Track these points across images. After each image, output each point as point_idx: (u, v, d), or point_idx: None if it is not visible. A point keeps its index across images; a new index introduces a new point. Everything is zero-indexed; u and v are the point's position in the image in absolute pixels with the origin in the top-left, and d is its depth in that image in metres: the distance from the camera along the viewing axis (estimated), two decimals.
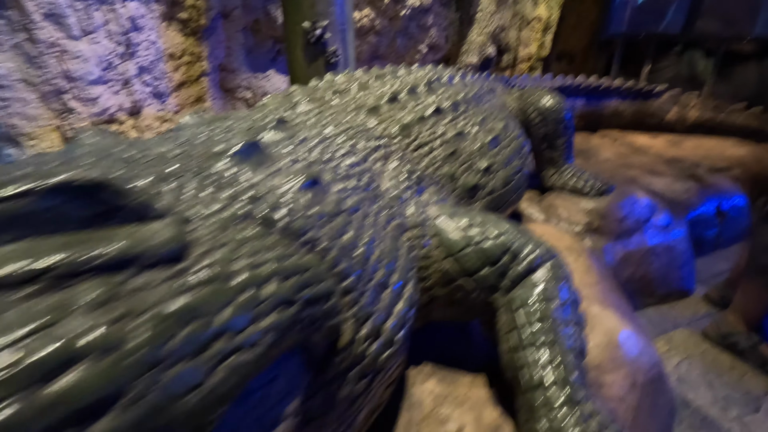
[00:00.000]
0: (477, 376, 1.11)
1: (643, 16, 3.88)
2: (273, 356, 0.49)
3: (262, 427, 0.51)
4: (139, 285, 0.39)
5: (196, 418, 0.38)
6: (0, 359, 0.28)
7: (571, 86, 3.39)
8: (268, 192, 0.70)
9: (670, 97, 3.65)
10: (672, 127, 3.72)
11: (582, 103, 3.59)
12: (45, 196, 0.38)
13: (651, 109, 3.69)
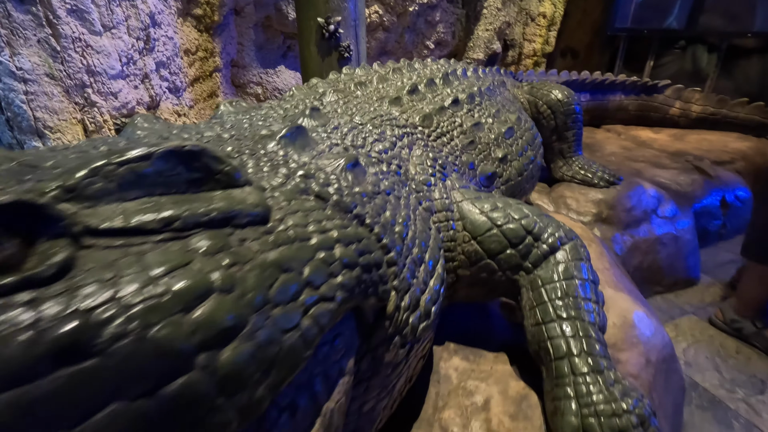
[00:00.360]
0: (499, 354, 1.17)
1: (646, 12, 3.92)
2: (341, 312, 0.54)
3: (328, 378, 0.56)
4: (239, 239, 0.44)
5: (293, 356, 0.43)
6: (149, 290, 0.33)
7: (576, 81, 3.44)
8: (318, 171, 0.75)
9: (673, 92, 3.70)
10: (675, 122, 3.77)
11: (586, 98, 3.63)
12: (160, 159, 0.43)
13: (654, 104, 3.74)
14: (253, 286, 0.41)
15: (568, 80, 3.43)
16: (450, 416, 0.98)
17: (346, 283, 0.55)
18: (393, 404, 0.89)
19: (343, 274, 0.56)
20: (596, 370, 0.88)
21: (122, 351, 0.30)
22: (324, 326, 0.49)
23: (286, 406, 0.48)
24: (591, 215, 2.10)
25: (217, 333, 0.35)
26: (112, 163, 0.40)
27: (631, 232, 2.11)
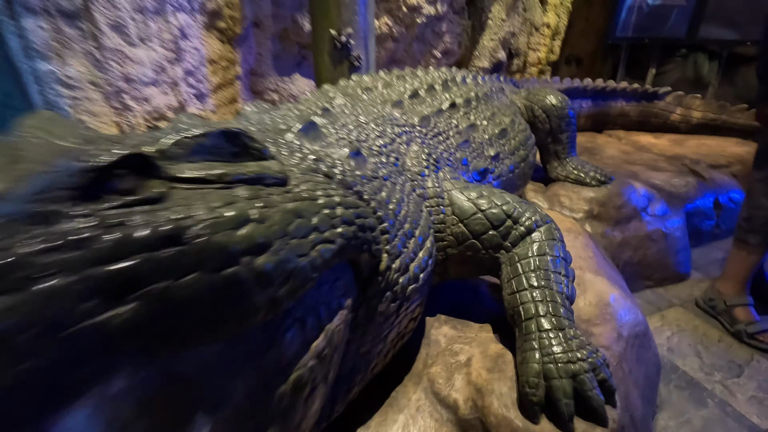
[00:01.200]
0: (483, 324, 1.32)
1: (648, 21, 4.05)
2: (340, 255, 0.72)
3: (330, 308, 0.74)
4: (267, 193, 0.62)
5: (303, 274, 0.60)
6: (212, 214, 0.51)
7: (577, 88, 3.59)
8: (326, 156, 0.93)
9: (674, 99, 3.81)
10: (676, 128, 3.88)
11: (588, 105, 3.78)
12: (214, 136, 0.62)
13: (655, 110, 3.85)
14: (276, 222, 0.58)
15: (570, 87, 3.58)
16: (437, 371, 1.15)
17: (344, 233, 0.73)
18: (386, 354, 1.06)
19: (342, 227, 0.73)
20: (558, 327, 1.04)
21: (198, 244, 0.48)
22: (326, 260, 0.67)
23: (298, 319, 0.65)
24: (583, 212, 2.24)
25: (253, 245, 0.53)
26: (187, 137, 0.58)
27: (621, 229, 2.25)
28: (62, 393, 0.41)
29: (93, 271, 0.40)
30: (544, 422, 0.96)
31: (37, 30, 2.03)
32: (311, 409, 0.71)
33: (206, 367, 0.56)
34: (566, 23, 4.30)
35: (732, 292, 2.04)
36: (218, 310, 0.49)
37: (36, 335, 0.36)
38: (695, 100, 3.80)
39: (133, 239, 0.43)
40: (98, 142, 0.60)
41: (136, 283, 0.43)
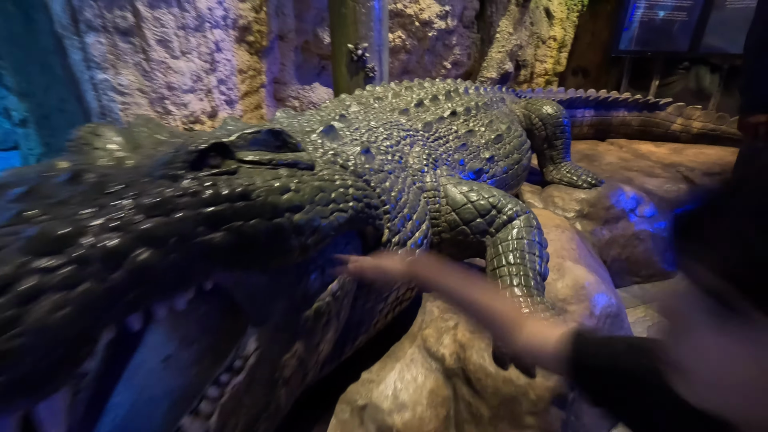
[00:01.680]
0: None
1: (650, 35, 4.23)
2: (350, 224, 0.97)
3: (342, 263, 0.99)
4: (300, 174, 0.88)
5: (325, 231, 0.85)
6: (265, 184, 0.77)
7: (580, 98, 3.79)
8: (342, 152, 1.19)
9: (675, 109, 3.98)
10: (677, 137, 4.04)
11: (591, 114, 3.97)
12: (264, 132, 0.87)
13: (656, 120, 4.02)
14: (307, 193, 0.84)
15: (573, 97, 3.79)
16: (429, 332, 1.38)
17: (354, 207, 0.97)
18: (387, 314, 1.30)
19: (353, 203, 0.98)
20: (528, 295, 1.27)
21: (259, 201, 0.73)
22: (341, 224, 0.92)
23: (319, 266, 0.90)
24: (574, 212, 2.45)
25: (292, 206, 0.78)
26: (245, 132, 0.85)
27: (610, 228, 2.45)
28: (180, 281, 0.65)
29: (201, 210, 0.65)
30: (512, 369, 1.19)
31: (97, 44, 2.36)
32: (327, 334, 0.96)
33: (258, 292, 0.81)
34: (572, 36, 4.51)
35: None
36: (269, 246, 0.74)
37: (178, 240, 0.61)
38: (695, 110, 3.96)
39: (222, 194, 0.69)
40: (182, 136, 0.87)
41: (224, 220, 0.68)
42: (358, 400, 1.20)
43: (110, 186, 0.62)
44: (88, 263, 0.51)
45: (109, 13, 2.32)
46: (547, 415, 1.16)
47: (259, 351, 0.81)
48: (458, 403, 1.24)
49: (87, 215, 0.55)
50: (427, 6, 3.64)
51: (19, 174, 0.64)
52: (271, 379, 0.83)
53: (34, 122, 3.47)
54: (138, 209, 0.59)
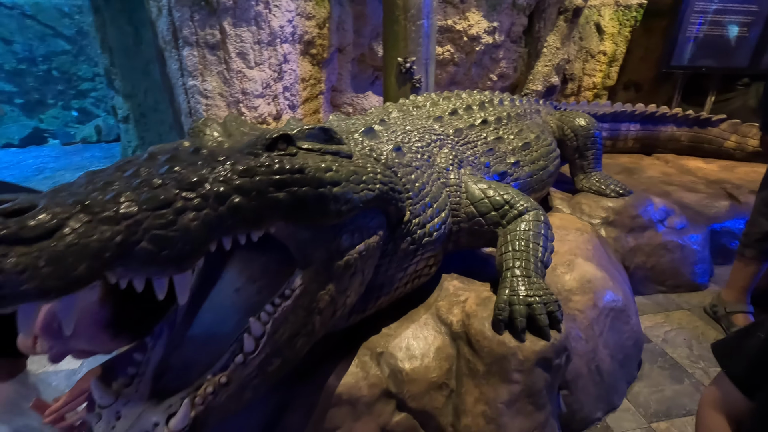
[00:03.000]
0: (484, 283, 1.78)
1: (706, 50, 4.17)
2: (376, 201, 1.25)
3: (369, 232, 1.27)
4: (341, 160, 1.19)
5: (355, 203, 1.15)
6: (316, 163, 1.08)
7: (625, 113, 3.84)
8: (377, 148, 1.49)
9: (729, 126, 3.90)
10: (731, 155, 3.94)
11: (637, 128, 3.99)
12: (317, 129, 1.19)
13: (708, 137, 3.96)
14: (344, 173, 1.14)
15: (617, 111, 3.85)
16: (443, 304, 1.64)
17: (380, 188, 1.26)
18: (406, 283, 1.57)
19: (380, 185, 1.27)
20: (526, 276, 1.49)
21: (309, 174, 1.04)
22: (368, 199, 1.21)
23: (350, 230, 1.20)
24: (600, 218, 2.58)
25: (332, 181, 1.08)
26: (304, 128, 1.17)
27: (635, 236, 2.55)
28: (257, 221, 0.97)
29: (271, 176, 0.97)
30: (506, 334, 1.42)
31: (190, 56, 2.86)
32: (354, 284, 1.25)
33: (304, 243, 1.13)
34: (624, 51, 4.54)
35: (732, 300, 2.27)
36: (314, 207, 1.05)
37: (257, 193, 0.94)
38: (752, 128, 3.85)
39: (285, 168, 1.01)
40: (257, 128, 1.21)
41: (285, 185, 1.00)
42: (377, 348, 1.48)
43: (217, 157, 0.95)
44: (208, 199, 0.84)
45: (202, 31, 2.81)
46: (531, 374, 1.37)
47: (302, 286, 1.12)
48: (459, 360, 1.48)
49: (206, 172, 0.88)
50: (476, 22, 3.88)
51: (161, 148, 1.00)
52: (309, 307, 1.14)
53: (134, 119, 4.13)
54: (234, 171, 0.92)
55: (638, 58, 4.65)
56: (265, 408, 1.33)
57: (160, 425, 0.92)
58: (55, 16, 5.14)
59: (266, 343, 1.05)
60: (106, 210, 0.70)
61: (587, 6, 4.17)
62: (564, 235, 2.14)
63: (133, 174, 0.83)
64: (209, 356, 1.06)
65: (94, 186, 0.76)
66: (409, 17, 3.08)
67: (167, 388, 1.02)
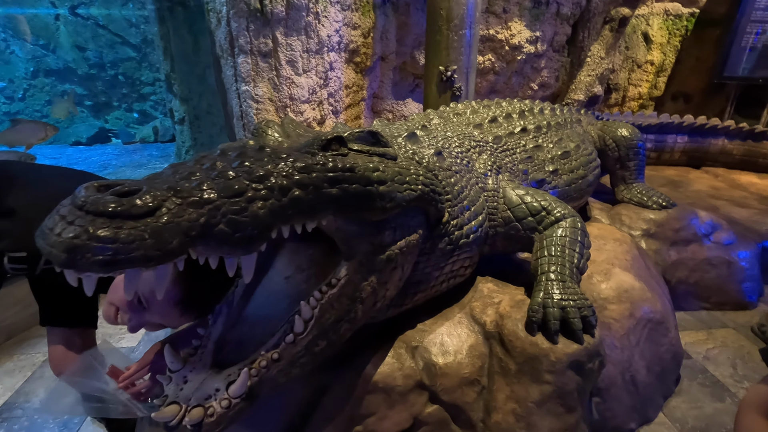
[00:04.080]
0: (519, 287, 1.81)
1: (763, 60, 3.99)
2: (417, 201, 1.33)
3: (409, 230, 1.35)
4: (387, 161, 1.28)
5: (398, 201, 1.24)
6: (364, 164, 1.18)
7: (672, 124, 3.74)
8: (419, 152, 1.57)
9: None
10: None
11: (684, 140, 3.87)
12: (366, 132, 1.29)
13: (764, 150, 3.78)
14: (390, 174, 1.22)
15: (663, 122, 3.75)
16: (477, 305, 1.69)
17: (422, 189, 1.34)
18: (442, 282, 1.63)
19: (421, 186, 1.35)
20: (561, 281, 1.52)
21: (359, 173, 1.14)
22: (410, 199, 1.29)
23: (392, 226, 1.28)
24: (640, 230, 2.54)
25: (379, 180, 1.17)
26: (354, 131, 1.27)
27: (678, 249, 2.49)
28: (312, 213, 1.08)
29: (326, 173, 1.07)
30: (539, 336, 1.45)
31: (244, 63, 3.06)
32: (394, 277, 1.33)
33: (350, 236, 1.22)
34: (673, 61, 4.41)
35: None
36: (362, 203, 1.15)
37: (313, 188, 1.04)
38: None
39: (338, 166, 1.11)
40: (311, 131, 1.33)
41: (337, 181, 1.10)
42: (412, 342, 1.55)
43: (280, 154, 1.06)
44: (273, 190, 0.95)
45: (256, 40, 3.01)
46: (563, 375, 1.40)
47: (347, 276, 1.22)
48: (492, 358, 1.52)
49: (271, 167, 1.00)
50: (518, 32, 3.91)
51: (230, 146, 1.12)
52: (353, 296, 1.23)
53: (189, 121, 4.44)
54: (294, 168, 1.03)
55: (688, 68, 4.51)
56: (307, 388, 1.43)
57: (220, 390, 1.04)
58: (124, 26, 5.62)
59: (314, 326, 1.15)
60: (193, 195, 0.82)
61: (634, 15, 4.10)
62: (602, 245, 2.13)
63: (211, 167, 0.96)
64: (262, 335, 1.17)
65: (181, 175, 0.89)
66: (451, 27, 3.16)
67: (225, 361, 1.14)
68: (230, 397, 1.02)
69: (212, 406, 1.01)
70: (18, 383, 2.21)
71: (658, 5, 4.27)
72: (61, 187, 1.59)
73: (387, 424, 1.42)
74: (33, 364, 2.34)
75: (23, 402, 2.08)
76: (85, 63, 5.78)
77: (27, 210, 1.49)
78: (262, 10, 2.88)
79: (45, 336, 1.73)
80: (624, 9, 3.87)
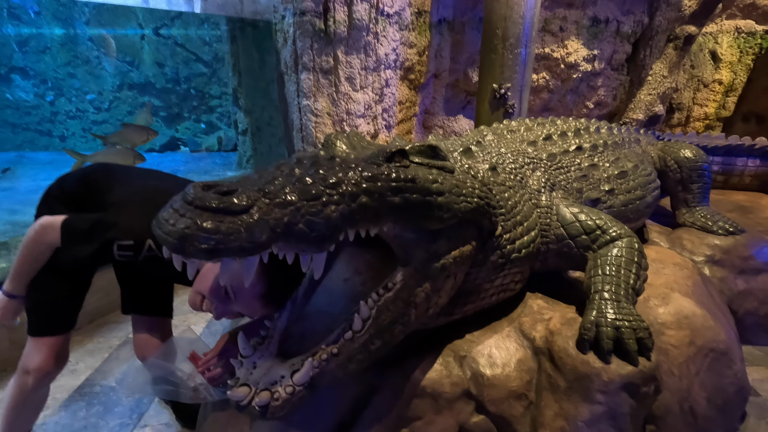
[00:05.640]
0: (570, 305, 1.80)
1: None
2: (472, 213, 1.38)
3: (463, 241, 1.40)
4: (445, 174, 1.35)
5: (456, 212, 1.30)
6: (427, 176, 1.26)
7: (741, 147, 3.52)
8: (474, 167, 1.63)
9: None
10: None
11: (756, 164, 3.63)
12: (427, 146, 1.37)
13: None
14: (448, 186, 1.28)
15: (732, 144, 3.55)
16: (526, 320, 1.69)
17: (477, 202, 1.39)
18: (491, 295, 1.66)
19: (477, 199, 1.40)
20: (615, 300, 1.50)
21: (420, 183, 1.21)
22: (466, 211, 1.34)
23: (447, 236, 1.33)
24: (704, 256, 2.41)
25: (437, 191, 1.24)
26: (416, 145, 1.35)
27: (746, 279, 2.34)
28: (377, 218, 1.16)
29: (390, 183, 1.16)
30: (591, 354, 1.44)
31: (306, 80, 3.27)
32: (447, 285, 1.39)
33: (408, 243, 1.30)
34: (744, 80, 4.18)
35: None
36: (421, 212, 1.22)
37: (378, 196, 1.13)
38: None
39: (401, 177, 1.19)
40: (373, 144, 1.43)
41: (400, 191, 1.18)
42: (460, 351, 1.59)
43: (349, 164, 1.16)
44: (344, 196, 1.05)
45: (318, 58, 3.21)
46: (616, 396, 1.37)
47: (402, 281, 1.29)
48: (540, 374, 1.52)
49: (342, 176, 1.10)
50: (575, 50, 3.88)
51: (304, 155, 1.24)
52: (407, 300, 1.30)
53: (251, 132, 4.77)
54: (361, 177, 1.12)
55: (763, 87, 4.24)
56: (359, 386, 1.50)
57: (285, 378, 1.13)
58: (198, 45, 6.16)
59: (371, 325, 1.23)
60: (278, 197, 0.93)
61: (701, 33, 3.94)
62: (660, 269, 2.06)
63: (290, 173, 1.07)
64: (322, 330, 1.27)
65: (266, 180, 1.01)
66: (507, 46, 3.21)
67: (289, 352, 1.25)
68: (294, 384, 1.11)
69: (278, 391, 1.11)
70: (97, 363, 2.46)
71: (729, 23, 4.08)
72: (150, 185, 1.80)
73: (433, 429, 1.46)
74: (110, 347, 2.59)
75: (101, 380, 2.32)
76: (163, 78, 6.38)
77: (127, 203, 1.68)
78: (326, 31, 3.08)
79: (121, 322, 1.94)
80: (690, 27, 3.74)
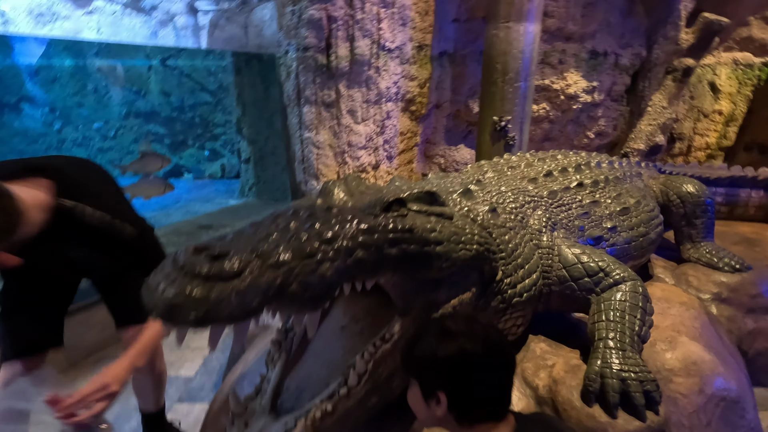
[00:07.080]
0: (573, 349, 1.74)
1: None
2: (472, 260, 1.36)
3: (464, 288, 1.38)
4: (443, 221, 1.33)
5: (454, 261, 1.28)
6: (430, 224, 1.24)
7: (745, 178, 3.51)
8: (474, 209, 1.61)
9: None
10: None
11: (760, 195, 3.60)
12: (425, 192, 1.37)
13: None
14: (446, 234, 1.27)
15: (736, 176, 3.53)
16: (528, 366, 1.65)
17: (477, 248, 1.37)
18: None
19: (476, 245, 1.38)
20: (620, 349, 1.45)
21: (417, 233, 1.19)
22: (466, 258, 1.32)
23: (447, 284, 1.31)
24: (711, 294, 2.36)
25: (436, 241, 1.22)
26: (413, 192, 1.35)
27: (755, 318, 2.29)
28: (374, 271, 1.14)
29: (387, 235, 1.14)
30: (596, 407, 1.39)
31: (309, 113, 3.31)
32: None
33: (406, 293, 1.27)
34: (744, 110, 4.20)
35: None
36: (420, 263, 1.20)
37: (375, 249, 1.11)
38: None
39: (398, 228, 1.18)
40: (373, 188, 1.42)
41: (397, 242, 1.16)
42: None
43: (346, 216, 1.15)
44: (340, 252, 1.03)
45: (321, 91, 3.26)
46: None
47: (401, 331, 1.25)
48: None
49: (338, 229, 1.09)
50: (574, 82, 3.92)
51: (301, 204, 1.23)
52: None
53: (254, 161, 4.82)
54: (358, 230, 1.11)
55: (764, 118, 4.26)
56: None
57: None
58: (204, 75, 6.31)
59: (367, 380, 1.19)
60: (271, 257, 0.92)
61: (699, 65, 3.99)
62: (666, 308, 2.01)
63: (285, 228, 1.06)
64: (317, 384, 1.23)
65: (260, 237, 1.00)
66: (507, 80, 3.24)
67: (283, 407, 1.20)
68: None
69: None
70: None
71: (726, 55, 4.13)
72: None
73: None
74: None
75: None
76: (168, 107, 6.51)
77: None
78: (329, 66, 3.13)
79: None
80: (688, 60, 3.79)
